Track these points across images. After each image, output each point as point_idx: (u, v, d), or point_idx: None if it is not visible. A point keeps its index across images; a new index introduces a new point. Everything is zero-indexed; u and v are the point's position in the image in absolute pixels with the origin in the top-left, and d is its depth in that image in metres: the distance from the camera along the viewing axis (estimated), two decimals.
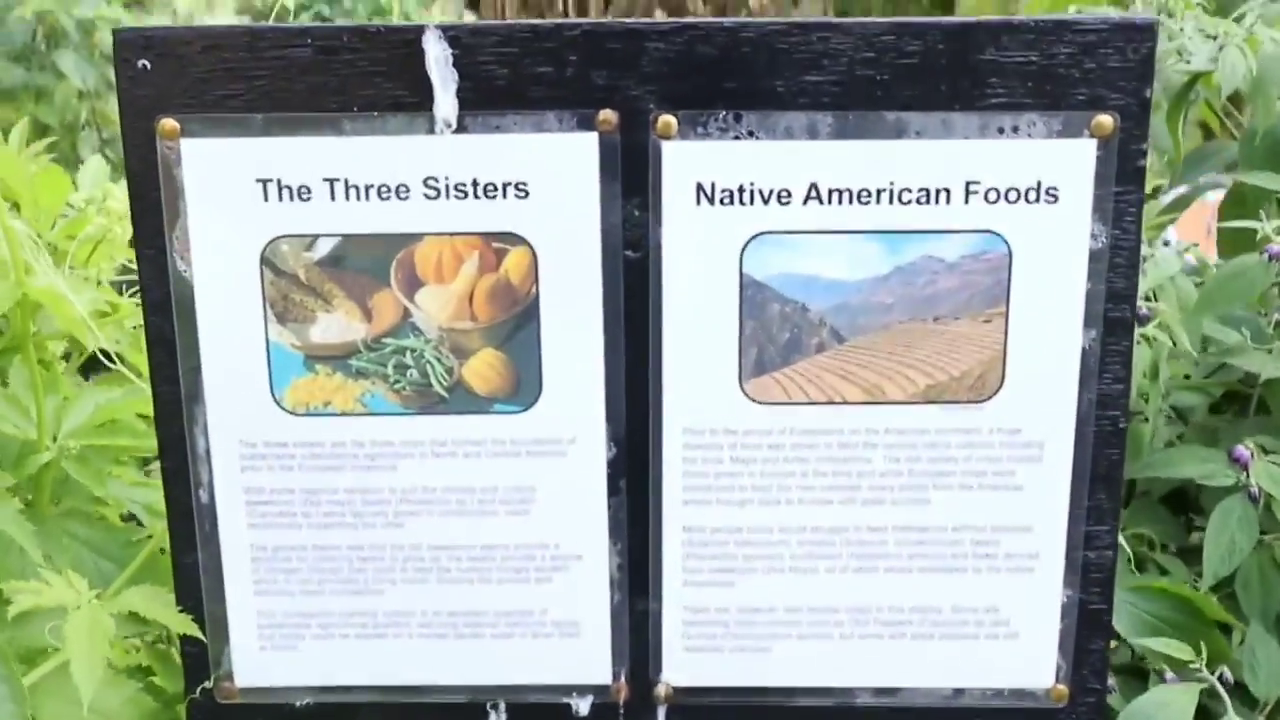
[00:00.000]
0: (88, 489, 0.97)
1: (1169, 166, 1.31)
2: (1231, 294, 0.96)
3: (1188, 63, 1.15)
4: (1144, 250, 1.03)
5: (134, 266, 0.80)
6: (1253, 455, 0.97)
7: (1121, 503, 0.82)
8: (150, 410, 0.83)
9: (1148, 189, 1.20)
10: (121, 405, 0.98)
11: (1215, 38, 1.14)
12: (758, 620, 0.84)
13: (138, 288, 0.82)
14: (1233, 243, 1.10)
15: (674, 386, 0.80)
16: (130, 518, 1.04)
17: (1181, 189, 1.31)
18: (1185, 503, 1.10)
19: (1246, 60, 1.11)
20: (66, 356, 1.12)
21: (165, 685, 0.94)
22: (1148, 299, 1.00)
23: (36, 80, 3.69)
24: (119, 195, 1.07)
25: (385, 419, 0.81)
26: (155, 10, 5.06)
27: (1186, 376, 1.11)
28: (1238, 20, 1.16)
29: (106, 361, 0.91)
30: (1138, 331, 0.97)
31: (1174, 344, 0.99)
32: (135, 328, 1.05)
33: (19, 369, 0.95)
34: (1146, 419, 1.03)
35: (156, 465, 0.88)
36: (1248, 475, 0.96)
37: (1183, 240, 1.43)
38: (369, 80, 0.76)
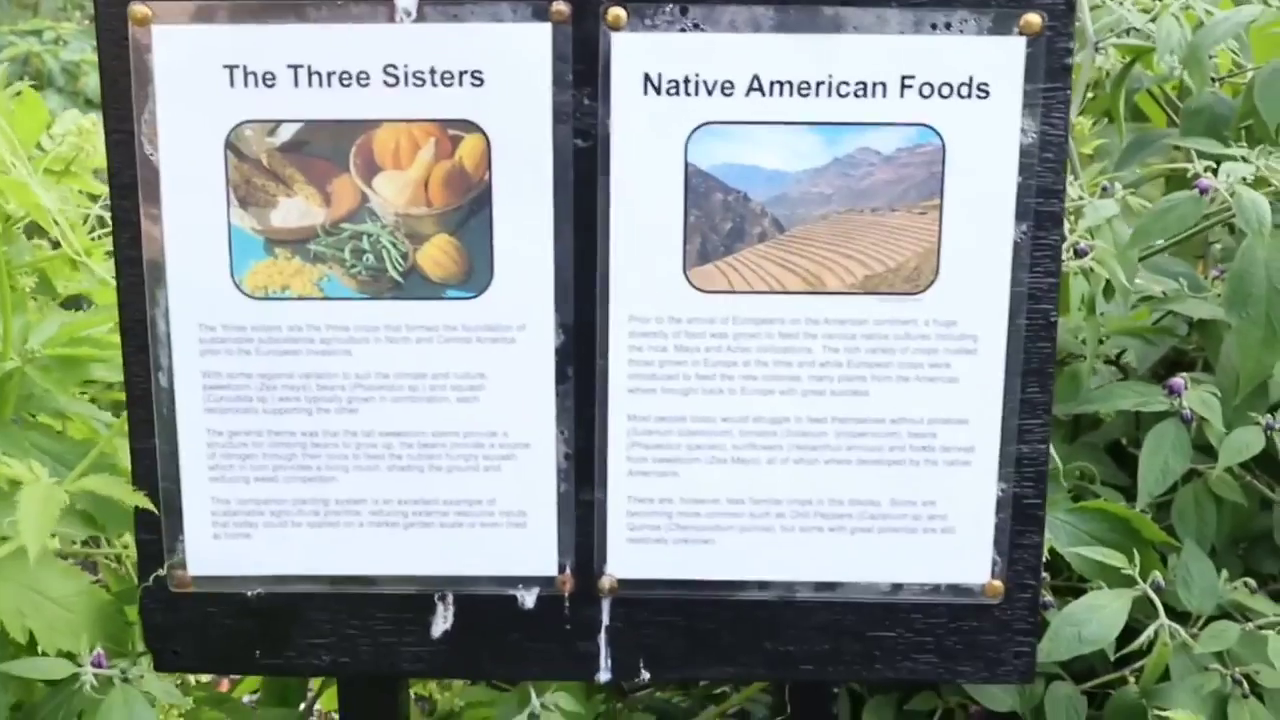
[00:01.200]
0: (53, 402, 0.99)
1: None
2: (1165, 226, 1.00)
3: (1126, 34, 1.20)
4: (1083, 195, 1.07)
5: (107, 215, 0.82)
6: (1186, 384, 1.00)
7: (1053, 397, 0.84)
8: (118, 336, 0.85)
9: (1088, 151, 1.24)
10: (87, 322, 1.00)
11: (1151, 10, 1.19)
12: (701, 511, 0.86)
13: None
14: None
15: (621, 274, 0.83)
16: None
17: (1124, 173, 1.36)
18: (1125, 455, 1.13)
19: (1182, 28, 1.16)
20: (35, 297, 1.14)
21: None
22: (1087, 237, 1.03)
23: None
24: (95, 130, 1.10)
25: (341, 303, 0.83)
26: None
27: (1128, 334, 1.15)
28: None
29: (75, 257, 0.93)
30: (1075, 264, 1.01)
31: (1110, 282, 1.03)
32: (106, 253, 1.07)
33: None
34: (1085, 359, 1.06)
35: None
36: (1181, 401, 0.99)
37: None
38: None
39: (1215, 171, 1.01)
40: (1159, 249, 1.09)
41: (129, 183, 0.82)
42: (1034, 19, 0.80)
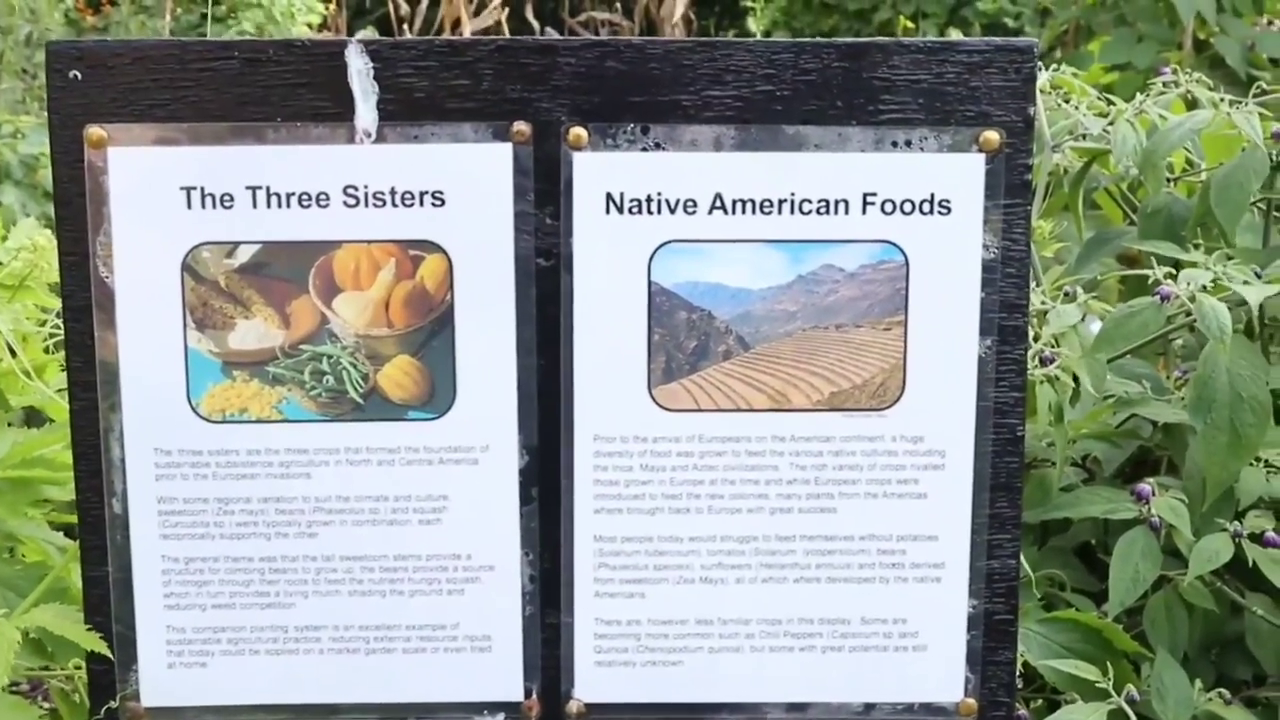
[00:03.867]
0: (4, 526, 0.96)
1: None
2: (1128, 333, 1.00)
3: (1083, 138, 1.21)
4: (1045, 303, 1.07)
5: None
6: (1154, 491, 1.00)
7: (1022, 511, 0.84)
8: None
9: (1048, 254, 1.25)
10: (39, 441, 0.98)
11: (1108, 115, 1.21)
12: (669, 632, 0.84)
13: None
14: (1130, 298, 1.15)
15: (585, 394, 0.82)
16: None
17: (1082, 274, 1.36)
18: (1095, 559, 1.13)
19: (1137, 134, 1.17)
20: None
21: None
22: (1051, 345, 1.03)
23: None
24: (50, 246, 1.09)
25: (301, 425, 0.82)
26: None
27: (1093, 437, 1.15)
28: (1128, 101, 1.22)
29: (24, 379, 0.92)
30: (1040, 372, 1.01)
31: (1076, 386, 1.03)
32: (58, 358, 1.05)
33: None
34: (1053, 464, 1.06)
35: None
36: (1149, 508, 0.99)
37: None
38: (292, 91, 0.79)
39: (1174, 276, 1.02)
40: (1122, 352, 1.09)
41: (83, 305, 0.81)
42: (993, 136, 0.80)
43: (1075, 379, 1.03)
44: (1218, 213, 1.10)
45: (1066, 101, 1.28)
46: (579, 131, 0.80)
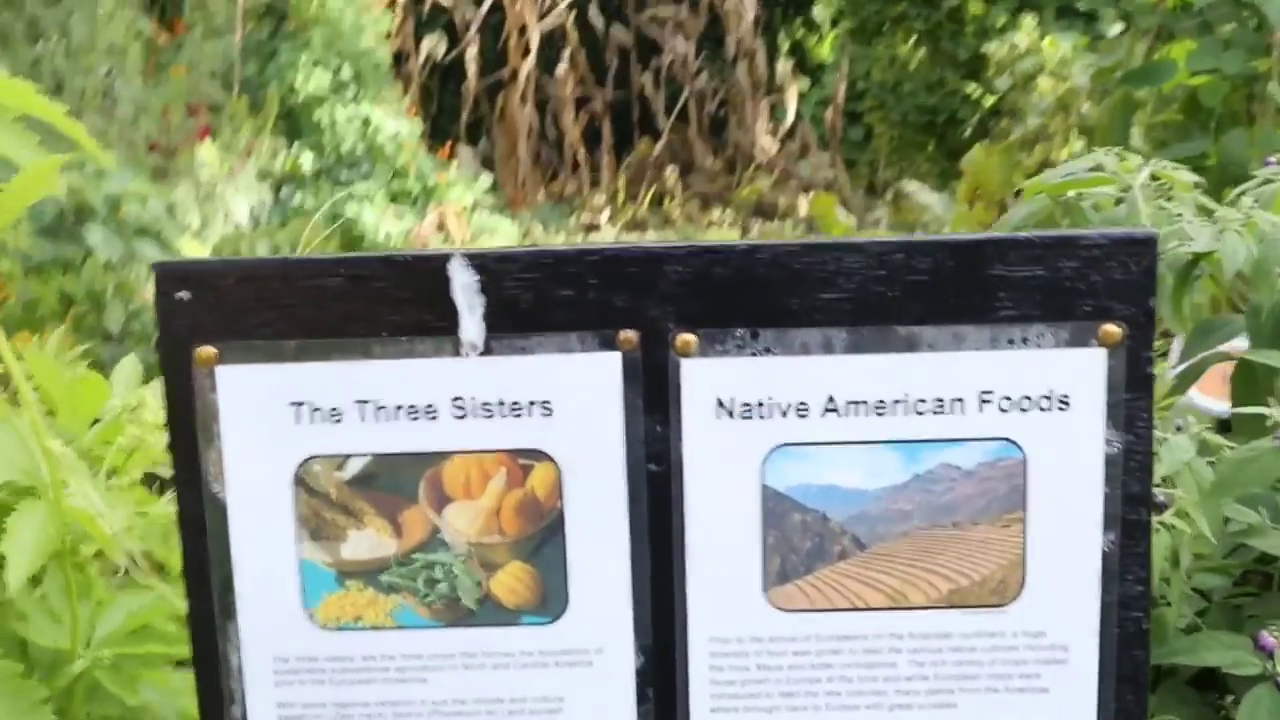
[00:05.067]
0: (120, 698, 0.98)
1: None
2: (1246, 479, 0.98)
3: (1188, 247, 1.18)
4: (1156, 435, 1.04)
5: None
6: (1278, 642, 0.97)
7: (1147, 703, 0.82)
8: (183, 610, 0.84)
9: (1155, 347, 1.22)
10: (153, 609, 0.99)
11: (1212, 214, 1.17)
12: None
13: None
14: (1247, 425, 1.12)
15: (699, 596, 0.81)
16: None
17: (1189, 362, 1.33)
18: (1213, 682, 1.10)
19: (1246, 244, 1.14)
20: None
21: None
22: (1163, 484, 1.01)
23: (65, 253, 3.77)
24: (152, 402, 1.10)
25: (416, 632, 0.82)
26: (180, 179, 5.19)
27: (1200, 556, 1.12)
28: (1233, 204, 1.19)
29: (134, 572, 0.93)
30: (1156, 519, 0.98)
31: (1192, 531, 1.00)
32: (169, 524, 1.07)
33: (54, 576, 0.97)
34: (1169, 603, 1.03)
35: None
36: (1274, 663, 0.96)
37: (1204, 393, 1.44)
38: (397, 306, 0.79)
39: None
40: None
41: (197, 520, 0.81)
42: (1113, 330, 0.78)
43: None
44: None
45: (1169, 200, 1.25)
46: (687, 337, 0.79)
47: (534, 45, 6.59)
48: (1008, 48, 5.55)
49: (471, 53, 6.81)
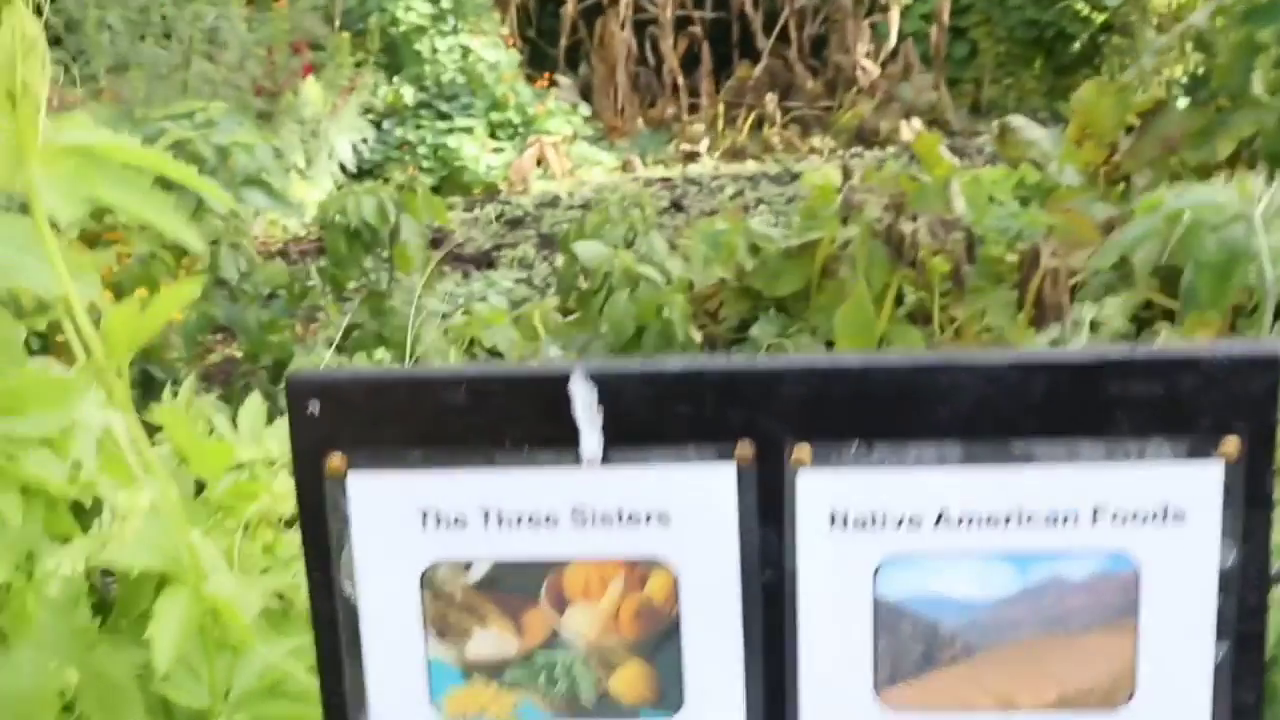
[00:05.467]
0: None
1: None
2: None
3: None
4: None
5: None
6: None
7: None
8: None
9: None
10: (289, 660, 1.04)
11: None
12: None
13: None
14: None
15: (811, 698, 0.83)
16: None
17: None
18: None
19: None
20: None
21: None
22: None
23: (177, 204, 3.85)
24: (276, 449, 1.14)
25: None
26: (284, 119, 5.25)
27: None
28: None
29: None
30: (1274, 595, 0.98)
31: None
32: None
33: (193, 640, 1.02)
34: None
35: None
36: None
37: None
38: (519, 419, 0.81)
39: None
40: None
41: (330, 620, 0.85)
42: (1232, 444, 0.77)
43: None
44: None
45: None
46: (802, 450, 0.80)
47: None
48: None
49: None
